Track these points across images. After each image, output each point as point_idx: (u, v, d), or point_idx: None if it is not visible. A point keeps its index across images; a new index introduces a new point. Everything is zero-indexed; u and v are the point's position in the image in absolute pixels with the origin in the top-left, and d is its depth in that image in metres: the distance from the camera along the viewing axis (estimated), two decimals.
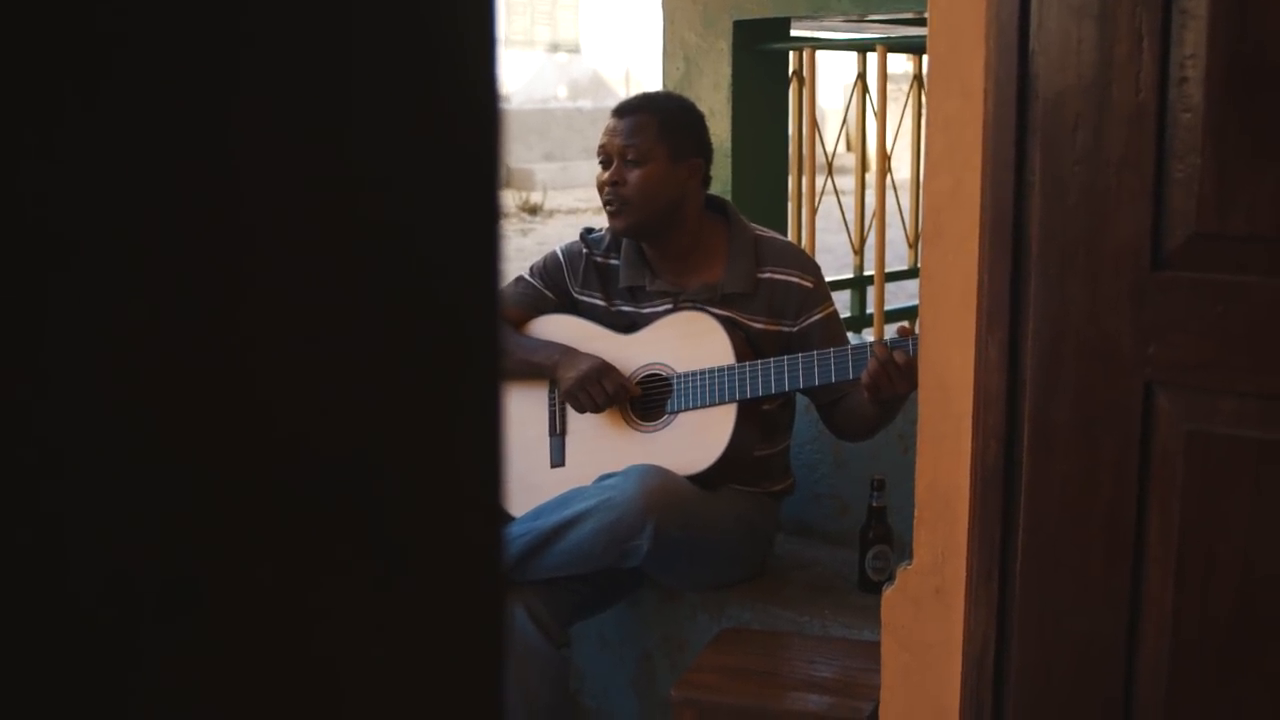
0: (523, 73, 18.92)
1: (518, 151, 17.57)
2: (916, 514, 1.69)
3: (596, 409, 2.60)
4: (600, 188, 2.62)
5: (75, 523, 0.33)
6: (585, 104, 18.59)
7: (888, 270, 3.65)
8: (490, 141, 0.43)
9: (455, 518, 0.44)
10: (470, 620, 0.45)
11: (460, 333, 0.43)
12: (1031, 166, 1.51)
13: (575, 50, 19.89)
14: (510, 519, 2.64)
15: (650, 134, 2.57)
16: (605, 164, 2.62)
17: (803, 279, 2.61)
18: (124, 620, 0.35)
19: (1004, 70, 1.52)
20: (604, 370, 2.59)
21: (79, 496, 0.33)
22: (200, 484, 0.36)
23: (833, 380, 2.44)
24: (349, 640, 0.41)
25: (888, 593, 1.76)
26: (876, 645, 1.80)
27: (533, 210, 14.59)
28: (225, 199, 0.35)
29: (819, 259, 2.94)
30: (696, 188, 2.64)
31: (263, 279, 0.36)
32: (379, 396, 0.40)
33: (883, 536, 2.61)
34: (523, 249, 11.24)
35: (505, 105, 0.43)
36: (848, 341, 2.58)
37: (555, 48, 19.64)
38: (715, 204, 2.71)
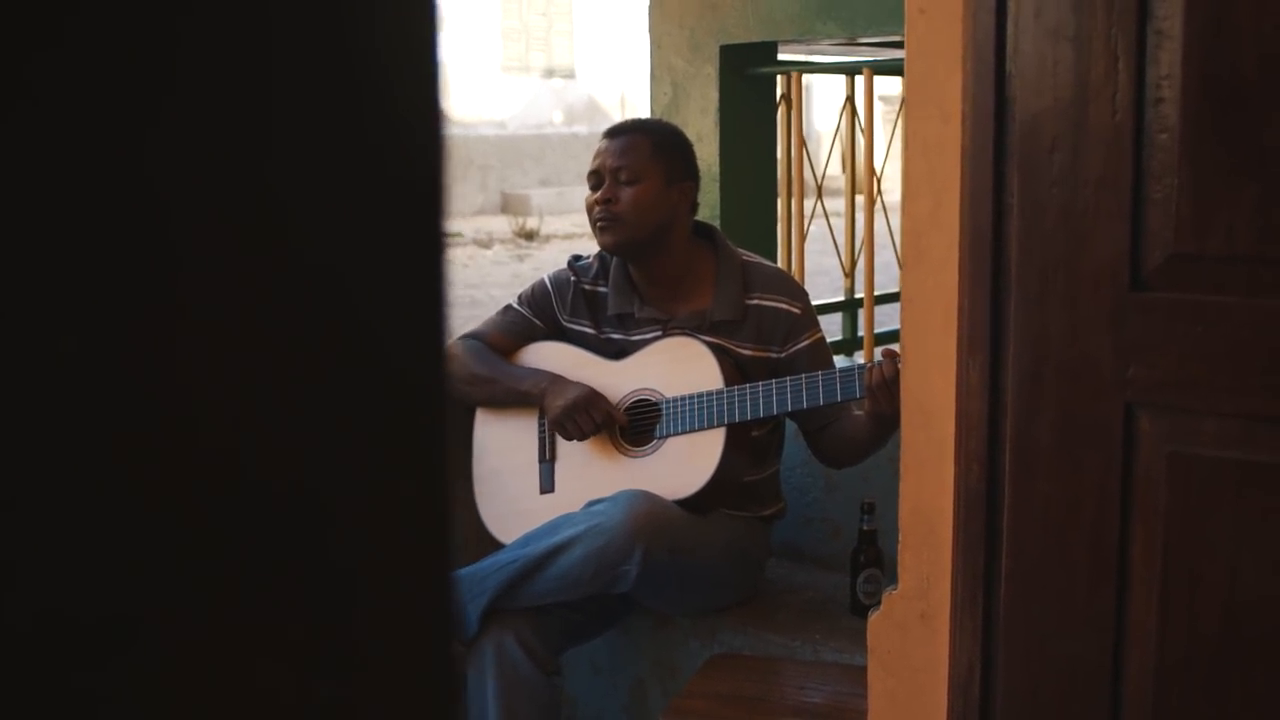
0: (518, 98, 18.98)
1: (513, 177, 17.60)
2: (901, 538, 1.69)
3: (583, 438, 2.59)
4: (590, 208, 2.62)
5: (7, 560, 0.33)
6: (581, 129, 18.63)
7: (879, 293, 3.65)
8: (431, 177, 0.42)
9: (404, 555, 0.43)
10: (421, 653, 0.44)
11: (404, 369, 0.42)
12: (1010, 189, 1.51)
13: (570, 76, 19.95)
14: (499, 546, 2.63)
15: (644, 153, 2.58)
16: (596, 185, 2.62)
17: (790, 305, 2.60)
18: (57, 660, 0.34)
19: (981, 93, 1.52)
20: (592, 399, 2.59)
21: (12, 534, 0.33)
22: (137, 523, 0.35)
23: (820, 403, 2.44)
24: (293, 680, 0.40)
25: (874, 617, 1.75)
26: (868, 670, 1.79)
27: (529, 235, 14.61)
28: (155, 239, 0.35)
29: (810, 282, 2.94)
30: (686, 212, 2.64)
31: (194, 318, 0.36)
32: (321, 434, 0.40)
33: (874, 560, 2.60)
34: (519, 274, 11.25)
35: (448, 134, 0.43)
36: (835, 367, 2.57)
37: (550, 73, 19.70)
38: (703, 230, 2.72)
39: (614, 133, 2.66)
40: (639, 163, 2.57)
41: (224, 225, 0.36)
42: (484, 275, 11.82)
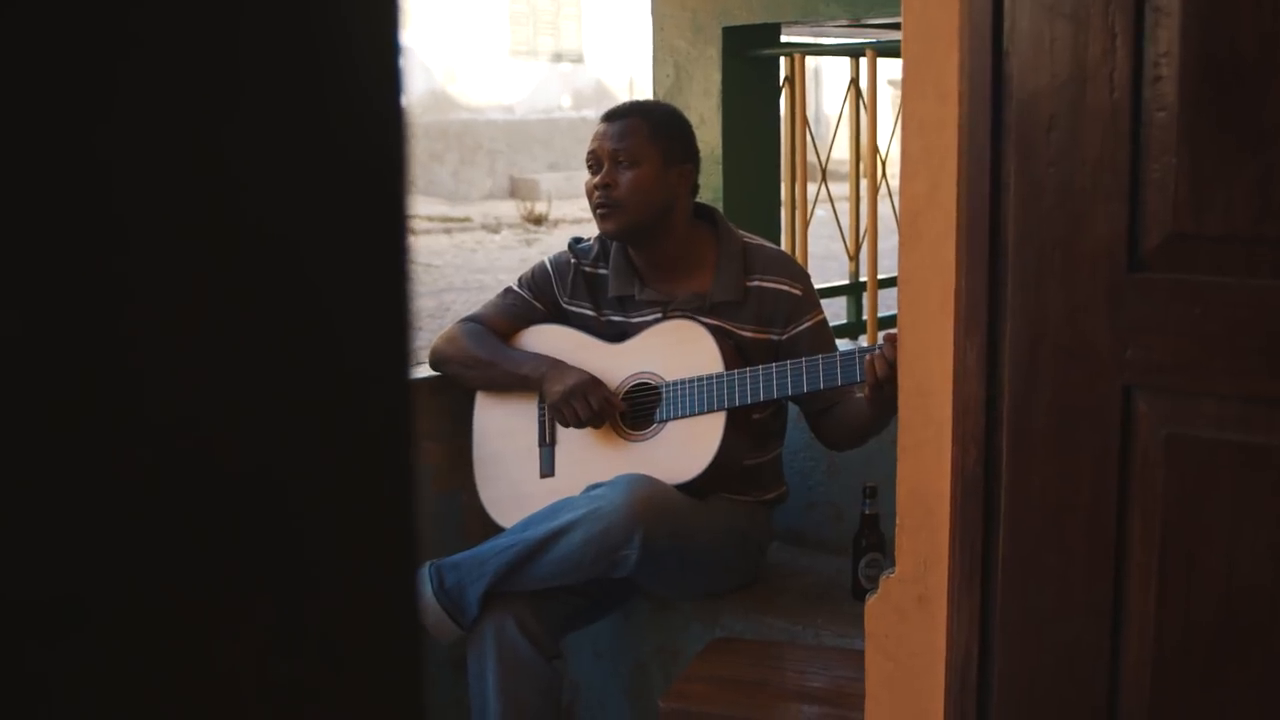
0: (526, 83, 18.95)
1: (522, 162, 17.59)
2: (898, 521, 1.68)
3: (581, 425, 2.59)
4: (589, 192, 2.61)
5: None
6: (589, 113, 18.60)
7: (883, 277, 3.64)
8: (391, 153, 0.41)
9: (364, 533, 0.43)
10: (384, 639, 0.44)
11: (363, 347, 0.42)
12: (1007, 168, 1.50)
13: (579, 60, 19.90)
14: (499, 530, 2.63)
15: (642, 136, 2.57)
16: (594, 169, 2.61)
17: (792, 287, 2.59)
18: (7, 641, 0.33)
19: (978, 72, 1.50)
20: (590, 385, 2.58)
21: None
22: (84, 501, 0.35)
23: (821, 387, 2.43)
24: (251, 661, 0.40)
25: (871, 601, 1.75)
26: None
27: (538, 220, 14.60)
28: (104, 211, 0.34)
29: (814, 266, 2.93)
30: (686, 194, 2.63)
31: (144, 293, 0.35)
32: (275, 412, 0.39)
33: (876, 544, 2.60)
34: (527, 259, 11.24)
35: (409, 118, 0.42)
36: (836, 349, 2.56)
37: (559, 58, 19.66)
38: (703, 212, 2.71)
39: (612, 116, 2.65)
40: (637, 146, 2.56)
41: (178, 209, 0.35)
42: (492, 260, 11.82)
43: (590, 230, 2.76)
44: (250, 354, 0.38)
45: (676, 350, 2.57)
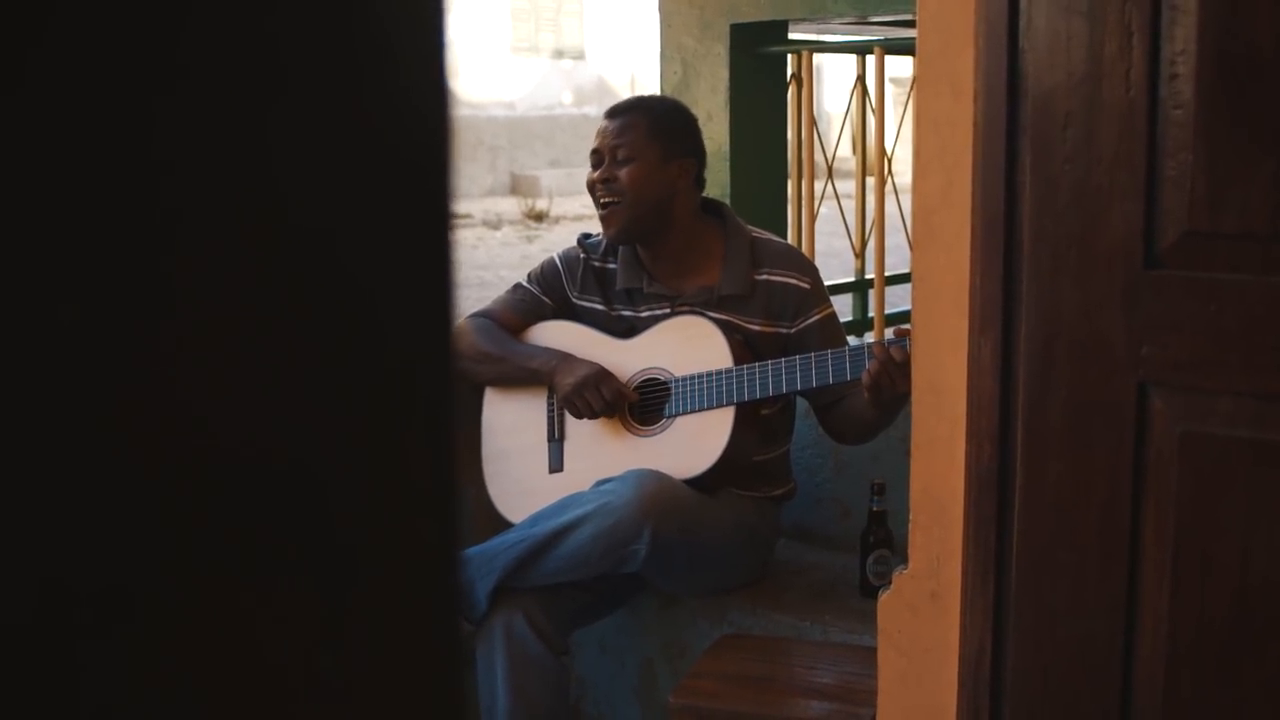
0: (527, 79, 18.94)
1: (523, 158, 17.59)
2: (911, 518, 1.68)
3: (594, 416, 2.59)
4: (591, 187, 2.63)
5: (5, 531, 0.32)
6: (591, 110, 18.60)
7: (889, 274, 3.64)
8: (435, 148, 0.42)
9: (406, 525, 0.43)
10: (424, 629, 0.44)
11: (405, 341, 0.42)
12: (1022, 166, 1.50)
13: (580, 57, 19.90)
14: (508, 525, 2.63)
15: (640, 133, 2.59)
16: (596, 165, 2.63)
17: (800, 280, 2.60)
18: (57, 631, 0.34)
19: (993, 69, 1.50)
20: (601, 377, 2.59)
21: (9, 505, 0.32)
22: (135, 492, 0.35)
23: (830, 382, 2.43)
24: (296, 651, 0.40)
25: (884, 597, 1.75)
26: (877, 651, 1.79)
27: (539, 217, 14.60)
28: (151, 207, 0.34)
29: (820, 263, 2.93)
30: (688, 188, 2.63)
31: (191, 287, 0.35)
32: (319, 406, 0.39)
33: (884, 541, 2.60)
34: (528, 256, 11.25)
35: (454, 113, 0.42)
36: (846, 342, 2.56)
37: (560, 54, 19.65)
38: (711, 207, 2.71)
39: (614, 112, 2.67)
40: (635, 142, 2.58)
41: (225, 204, 0.36)
42: (493, 256, 11.82)
43: (591, 226, 2.77)
44: (297, 348, 0.39)
45: (685, 346, 2.58)
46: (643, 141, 2.58)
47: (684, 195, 2.62)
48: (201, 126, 0.35)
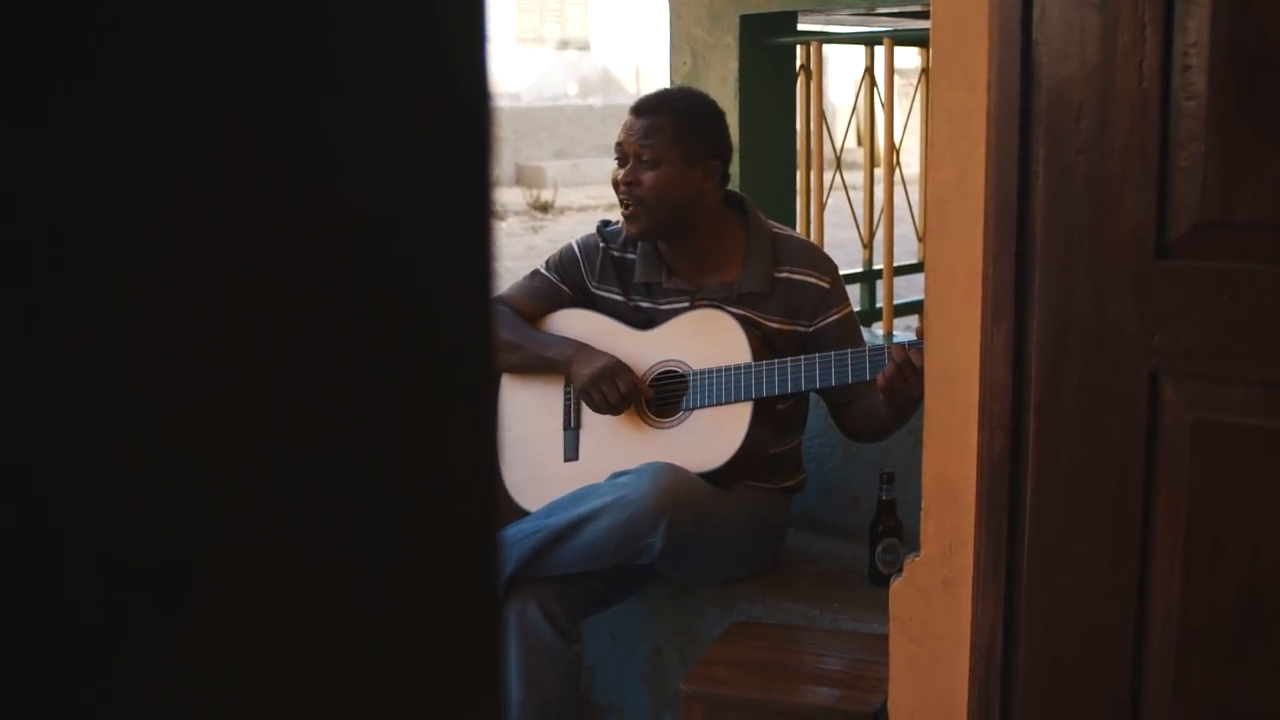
0: (532, 70, 18.92)
1: (528, 149, 17.56)
2: (923, 506, 1.69)
3: (609, 408, 2.59)
4: (616, 185, 2.61)
5: (65, 510, 0.33)
6: (595, 101, 18.58)
7: (897, 264, 3.65)
8: (480, 137, 0.43)
9: (448, 507, 0.44)
10: (464, 610, 0.45)
11: (450, 325, 0.43)
12: (1035, 156, 1.51)
13: (585, 47, 19.87)
14: (523, 514, 2.64)
15: (666, 137, 2.55)
16: (621, 162, 2.61)
17: (820, 279, 2.60)
18: (115, 608, 0.35)
19: (1007, 60, 1.51)
20: (618, 369, 2.59)
21: (69, 484, 0.33)
22: (189, 472, 0.36)
23: (849, 381, 2.43)
24: (341, 630, 0.41)
25: (895, 585, 1.76)
26: (886, 638, 1.80)
27: (544, 208, 14.58)
28: (210, 193, 0.35)
29: (829, 253, 2.93)
30: (713, 189, 2.61)
31: (247, 271, 0.36)
32: (368, 389, 0.40)
33: (893, 529, 2.61)
34: (534, 246, 11.24)
35: (496, 102, 0.43)
36: (864, 342, 2.57)
37: (565, 45, 19.63)
38: (734, 200, 2.70)
39: (640, 110, 2.62)
40: (660, 146, 2.55)
41: (277, 181, 0.36)
42: (498, 247, 11.79)
43: (596, 217, 2.76)
44: (351, 332, 0.39)
45: (704, 339, 2.58)
46: (668, 145, 2.55)
47: (708, 196, 2.61)
48: (264, 115, 0.36)
